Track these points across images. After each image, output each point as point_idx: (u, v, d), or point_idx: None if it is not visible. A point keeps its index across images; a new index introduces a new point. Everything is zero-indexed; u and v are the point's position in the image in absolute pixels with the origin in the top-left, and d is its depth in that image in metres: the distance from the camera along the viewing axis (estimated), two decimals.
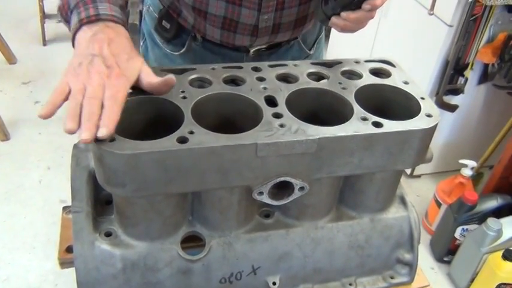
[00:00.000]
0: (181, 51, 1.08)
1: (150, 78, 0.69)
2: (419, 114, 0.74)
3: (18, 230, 2.05)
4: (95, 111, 0.61)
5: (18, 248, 1.98)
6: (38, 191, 2.25)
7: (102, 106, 0.62)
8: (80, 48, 0.68)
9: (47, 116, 0.61)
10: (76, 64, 0.65)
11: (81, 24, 0.70)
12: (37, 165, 2.39)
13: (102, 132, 0.60)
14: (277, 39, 1.04)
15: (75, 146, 0.81)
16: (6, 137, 2.50)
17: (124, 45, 0.69)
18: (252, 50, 1.05)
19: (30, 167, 2.37)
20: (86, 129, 0.59)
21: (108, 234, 0.74)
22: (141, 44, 1.20)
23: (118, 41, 0.69)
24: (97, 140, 0.60)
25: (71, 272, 0.73)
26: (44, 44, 3.30)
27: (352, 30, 0.87)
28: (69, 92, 0.63)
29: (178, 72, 0.76)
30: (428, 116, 0.74)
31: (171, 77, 0.70)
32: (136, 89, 0.69)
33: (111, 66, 0.65)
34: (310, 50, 1.16)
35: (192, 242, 0.77)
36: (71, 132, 0.59)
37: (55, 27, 3.43)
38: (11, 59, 3.09)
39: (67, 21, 0.76)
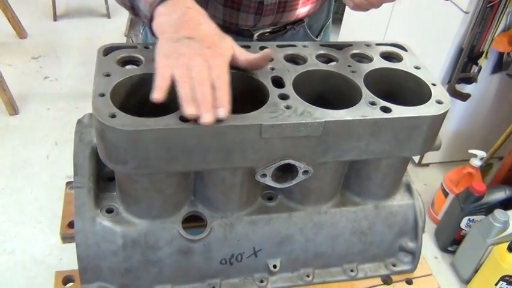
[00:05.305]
0: None
1: (246, 55, 0.70)
2: (430, 101, 0.72)
3: (25, 204, 2.07)
4: (209, 92, 0.62)
5: (24, 222, 2.00)
6: (45, 166, 2.26)
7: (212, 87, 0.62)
8: (169, 32, 0.67)
9: (161, 99, 0.61)
10: (171, 48, 0.65)
11: (157, 4, 0.69)
12: (45, 140, 2.39)
13: (223, 113, 0.61)
14: (282, 20, 1.01)
15: (79, 122, 0.80)
16: (15, 111, 2.51)
17: (212, 25, 0.69)
18: (256, 34, 1.02)
19: (38, 142, 2.38)
20: (207, 111, 0.60)
21: (109, 211, 0.74)
22: (141, 31, 1.16)
23: (206, 21, 0.69)
24: (217, 121, 0.61)
25: (75, 247, 0.72)
26: (55, 19, 3.28)
27: (364, 8, 0.83)
28: (171, 76, 0.63)
29: None
30: (439, 102, 0.72)
31: (268, 51, 0.72)
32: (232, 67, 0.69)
33: (209, 46, 0.65)
34: (316, 37, 1.13)
35: (194, 222, 0.76)
36: (194, 118, 0.60)
37: (66, 2, 3.42)
38: (21, 33, 3.08)
39: (131, 7, 0.76)
